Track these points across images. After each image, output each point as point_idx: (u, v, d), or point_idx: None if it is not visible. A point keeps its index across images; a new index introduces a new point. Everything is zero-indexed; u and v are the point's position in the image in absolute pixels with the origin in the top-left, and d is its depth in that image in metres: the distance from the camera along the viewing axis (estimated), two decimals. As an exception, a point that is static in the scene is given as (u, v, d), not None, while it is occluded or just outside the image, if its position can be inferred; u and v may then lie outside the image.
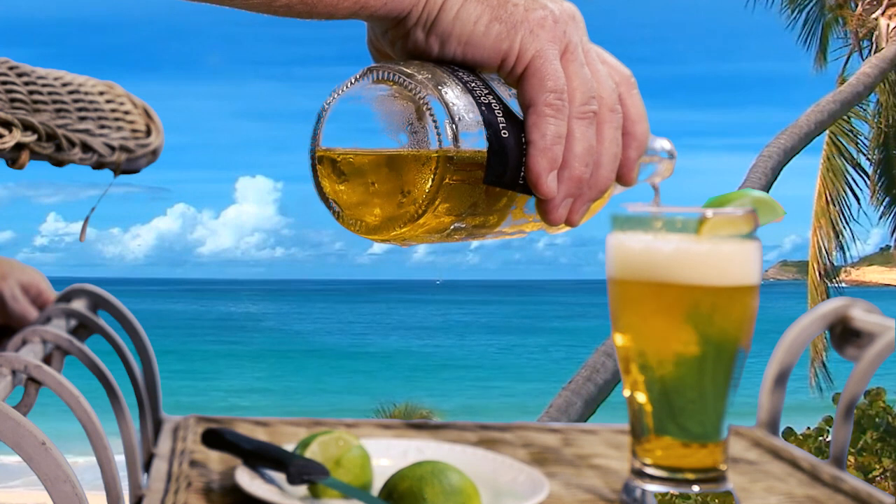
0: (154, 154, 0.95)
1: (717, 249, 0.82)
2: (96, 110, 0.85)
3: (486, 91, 0.61)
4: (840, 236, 12.17)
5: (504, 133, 0.61)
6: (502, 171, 0.61)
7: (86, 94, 0.84)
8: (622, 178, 0.66)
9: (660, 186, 0.79)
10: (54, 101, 0.78)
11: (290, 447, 0.93)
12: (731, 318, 0.84)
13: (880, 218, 13.13)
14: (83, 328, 1.15)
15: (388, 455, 0.98)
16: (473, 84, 0.61)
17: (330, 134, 0.62)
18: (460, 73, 0.61)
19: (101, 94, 1.06)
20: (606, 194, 0.68)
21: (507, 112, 0.62)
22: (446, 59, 0.62)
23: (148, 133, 1.15)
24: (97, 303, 1.21)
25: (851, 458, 9.00)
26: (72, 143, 0.79)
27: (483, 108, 0.61)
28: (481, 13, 0.60)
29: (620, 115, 0.64)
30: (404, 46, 0.63)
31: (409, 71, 0.60)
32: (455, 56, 0.62)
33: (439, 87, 0.59)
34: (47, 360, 1.03)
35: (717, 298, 0.83)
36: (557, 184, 0.62)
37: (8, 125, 0.72)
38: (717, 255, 0.83)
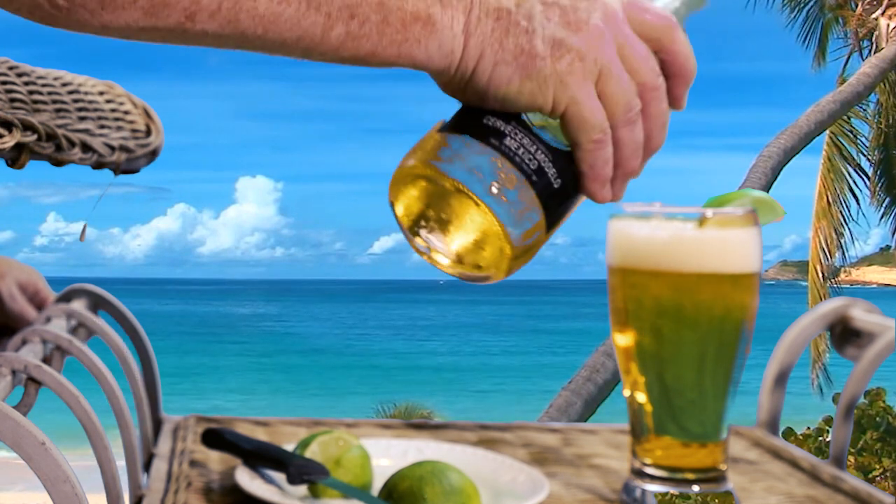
0: (154, 154, 0.95)
1: (717, 236, 0.82)
2: (96, 110, 0.85)
3: (532, 148, 0.65)
4: (840, 236, 12.17)
5: (557, 183, 0.66)
6: (562, 213, 0.67)
7: (86, 94, 0.84)
8: (674, 109, 0.70)
9: None
10: (54, 101, 0.78)
11: (290, 447, 0.93)
12: (732, 307, 0.84)
13: (880, 218, 13.14)
14: (83, 328, 1.15)
15: (388, 455, 0.98)
16: (520, 150, 0.65)
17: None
18: (506, 142, 0.65)
19: (101, 94, 1.06)
20: None
21: (555, 155, 0.66)
22: (487, 109, 0.66)
23: (148, 133, 1.15)
24: (97, 303, 1.21)
25: (851, 458, 9.00)
26: (72, 143, 0.79)
27: (534, 177, 0.65)
28: (511, 75, 0.63)
29: (663, 84, 0.67)
30: (450, 92, 0.67)
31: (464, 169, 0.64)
32: (494, 108, 0.65)
33: (492, 188, 0.64)
34: (47, 360, 1.03)
35: (719, 286, 0.83)
36: (611, 183, 0.67)
37: (8, 125, 0.72)
38: (717, 242, 0.83)
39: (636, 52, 0.65)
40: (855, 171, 12.34)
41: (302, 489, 0.89)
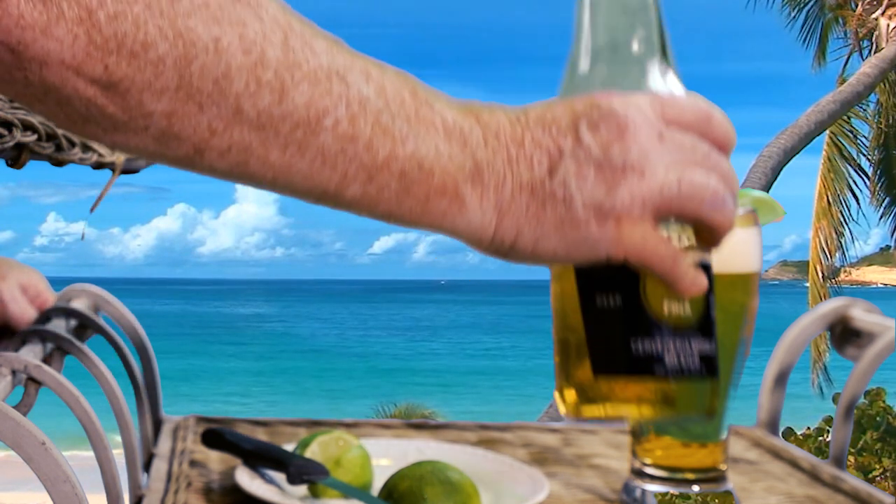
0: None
1: None
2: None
3: (689, 347, 0.64)
4: (840, 236, 12.17)
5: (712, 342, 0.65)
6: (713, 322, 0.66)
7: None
8: None
9: None
10: (54, 101, 0.78)
11: (290, 447, 0.93)
12: (732, 307, 0.84)
13: (880, 218, 13.14)
14: (83, 328, 1.15)
15: (388, 455, 0.98)
16: (682, 357, 0.64)
17: None
18: (668, 363, 0.64)
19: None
20: None
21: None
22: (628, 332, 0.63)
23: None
24: (97, 303, 1.20)
25: (851, 458, 9.00)
26: (71, 143, 0.79)
27: (705, 370, 0.64)
28: (556, 246, 0.60)
29: (719, 166, 0.62)
30: (487, 254, 0.63)
31: None
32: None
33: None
34: (47, 360, 1.03)
35: (719, 286, 0.83)
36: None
37: (8, 125, 0.72)
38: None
39: (685, 147, 0.61)
40: (855, 171, 12.35)
41: (302, 489, 0.89)
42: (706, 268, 0.64)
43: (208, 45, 0.52)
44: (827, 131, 11.54)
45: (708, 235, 0.62)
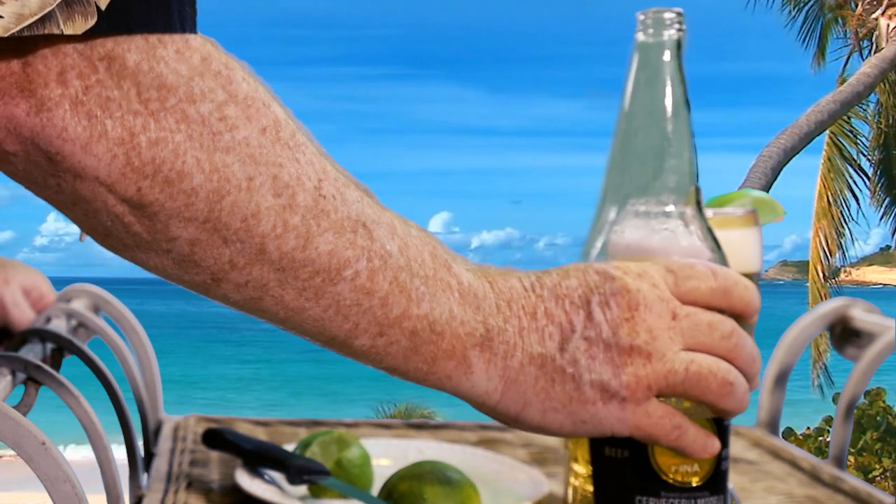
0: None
1: (717, 236, 0.82)
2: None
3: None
4: (840, 236, 12.17)
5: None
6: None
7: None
8: None
9: None
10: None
11: (290, 447, 0.93)
12: None
13: (880, 218, 13.13)
14: (83, 328, 1.15)
15: (388, 455, 0.98)
16: None
17: None
18: None
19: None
20: None
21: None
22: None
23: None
24: (97, 303, 1.20)
25: (851, 458, 9.00)
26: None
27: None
28: (563, 420, 0.60)
29: (738, 347, 0.62)
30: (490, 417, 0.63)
31: None
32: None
33: None
34: (47, 360, 1.03)
35: None
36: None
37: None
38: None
39: (700, 327, 0.61)
40: (855, 171, 12.34)
41: (302, 489, 0.89)
42: (719, 422, 0.63)
43: (241, 184, 0.52)
44: (827, 131, 11.53)
45: (720, 412, 0.62)
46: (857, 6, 12.39)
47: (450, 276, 0.59)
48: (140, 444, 1.05)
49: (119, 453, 0.94)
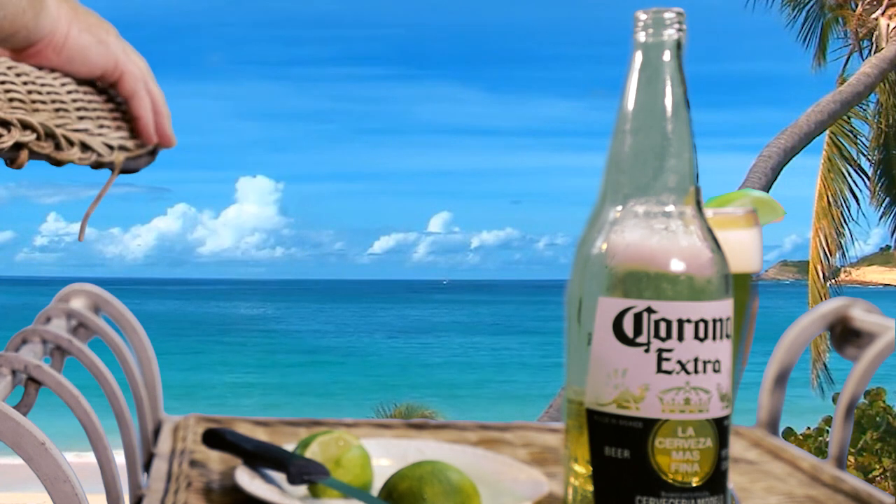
0: (153, 154, 0.95)
1: (717, 236, 0.82)
2: (95, 110, 0.85)
3: None
4: (840, 236, 12.17)
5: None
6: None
7: (85, 93, 0.84)
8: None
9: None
10: (53, 101, 0.78)
11: (290, 447, 0.93)
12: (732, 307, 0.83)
13: (880, 218, 13.14)
14: (83, 328, 1.15)
15: (388, 455, 0.98)
16: None
17: None
18: None
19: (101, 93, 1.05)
20: None
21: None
22: None
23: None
24: (97, 303, 1.20)
25: (851, 458, 9.00)
26: (70, 143, 0.79)
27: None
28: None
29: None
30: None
31: None
32: None
33: None
34: (50, 358, 1.03)
35: None
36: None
37: (6, 125, 0.72)
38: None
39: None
40: (855, 171, 12.34)
41: (302, 489, 0.89)
42: (719, 422, 0.65)
43: None
44: (827, 131, 11.53)
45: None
46: (857, 6, 12.39)
47: None
48: (140, 444, 1.05)
49: (118, 454, 0.94)
